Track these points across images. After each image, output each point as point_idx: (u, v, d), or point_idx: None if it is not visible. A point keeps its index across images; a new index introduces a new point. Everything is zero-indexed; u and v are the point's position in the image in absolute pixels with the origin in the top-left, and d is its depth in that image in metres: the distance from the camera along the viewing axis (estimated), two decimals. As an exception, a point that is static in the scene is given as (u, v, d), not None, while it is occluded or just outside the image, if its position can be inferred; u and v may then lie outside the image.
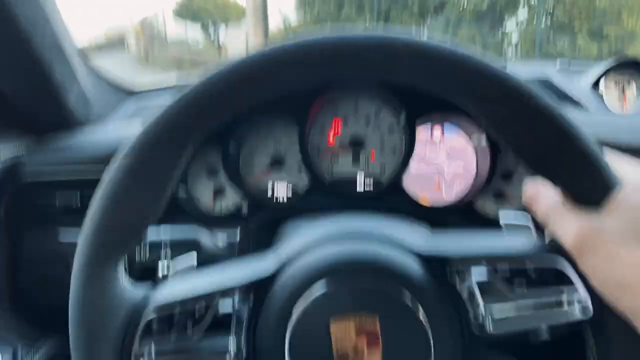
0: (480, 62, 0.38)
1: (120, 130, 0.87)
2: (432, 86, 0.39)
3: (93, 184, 0.76)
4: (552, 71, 1.05)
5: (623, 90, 0.99)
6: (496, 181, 0.80)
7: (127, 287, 0.46)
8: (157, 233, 0.62)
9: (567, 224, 0.40)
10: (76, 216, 0.80)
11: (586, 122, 0.76)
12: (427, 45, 0.38)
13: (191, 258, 0.53)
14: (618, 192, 0.38)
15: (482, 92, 0.39)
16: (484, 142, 0.80)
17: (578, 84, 0.98)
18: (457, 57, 0.38)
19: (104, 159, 0.78)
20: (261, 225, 0.84)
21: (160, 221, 0.46)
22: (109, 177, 0.44)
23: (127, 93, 1.10)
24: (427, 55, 0.38)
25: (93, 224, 0.43)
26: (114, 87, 1.06)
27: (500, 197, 0.81)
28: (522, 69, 1.07)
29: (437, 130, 0.82)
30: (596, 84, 0.95)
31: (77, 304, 0.43)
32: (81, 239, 0.44)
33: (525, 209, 0.44)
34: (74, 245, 0.81)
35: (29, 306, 0.83)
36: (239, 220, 0.83)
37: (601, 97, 0.96)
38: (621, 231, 0.37)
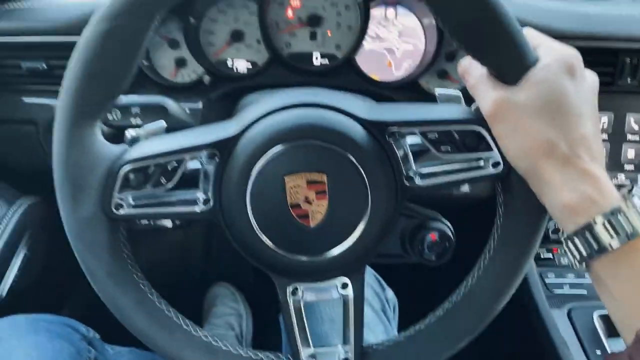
0: None
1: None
2: None
3: (56, 47, 0.79)
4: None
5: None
6: (440, 61, 0.86)
7: (104, 145, 0.51)
8: (127, 99, 0.67)
9: (487, 94, 0.47)
10: (42, 79, 0.83)
11: (517, 4, 0.82)
12: None
13: (160, 123, 0.59)
14: (533, 70, 0.45)
15: None
16: (432, 22, 0.84)
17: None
18: None
19: (65, 25, 0.80)
20: (222, 96, 0.89)
21: (128, 90, 0.52)
22: (84, 42, 0.48)
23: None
24: None
25: (72, 88, 0.48)
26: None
27: (443, 76, 0.87)
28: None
29: (390, 11, 0.86)
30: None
31: (61, 162, 0.49)
32: (60, 102, 0.49)
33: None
34: (40, 107, 0.85)
35: (6, 167, 0.88)
36: (201, 91, 0.88)
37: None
38: (528, 103, 0.44)
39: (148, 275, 0.55)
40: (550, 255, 0.89)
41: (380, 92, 0.87)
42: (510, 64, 0.46)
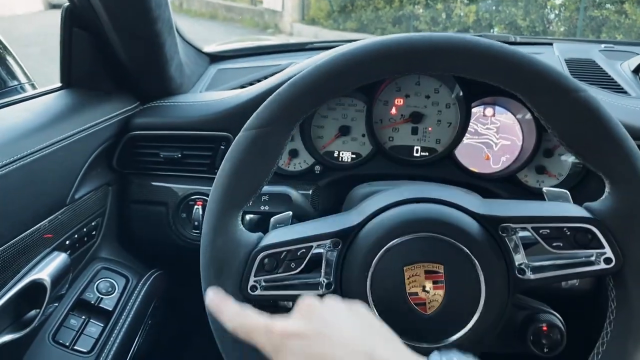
0: (530, 60, 0.51)
1: (209, 98, 1.00)
2: (490, 79, 0.52)
3: (189, 139, 0.91)
4: (596, 52, 1.12)
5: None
6: (539, 157, 0.90)
7: (245, 233, 0.59)
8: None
9: None
10: (175, 167, 0.95)
11: (626, 107, 0.85)
12: (493, 48, 0.51)
13: (288, 214, 0.66)
14: None
15: (531, 85, 0.51)
16: (529, 117, 0.90)
17: (621, 67, 1.04)
18: (512, 56, 0.51)
19: (198, 122, 0.92)
20: (329, 183, 0.97)
21: None
22: (236, 145, 0.57)
23: (208, 58, 1.23)
24: (490, 55, 0.51)
25: (223, 184, 0.57)
26: (198, 53, 1.19)
27: (541, 171, 0.91)
28: (567, 48, 1.14)
29: (489, 109, 0.93)
30: (639, 69, 1.02)
31: (209, 246, 0.57)
32: (212, 195, 0.58)
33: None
34: (169, 190, 0.96)
35: (137, 243, 1.00)
36: (310, 179, 0.97)
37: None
38: None
39: None
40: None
41: (479, 184, 0.92)
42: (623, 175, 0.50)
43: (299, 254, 0.58)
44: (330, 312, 0.45)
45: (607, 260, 0.53)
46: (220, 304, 0.50)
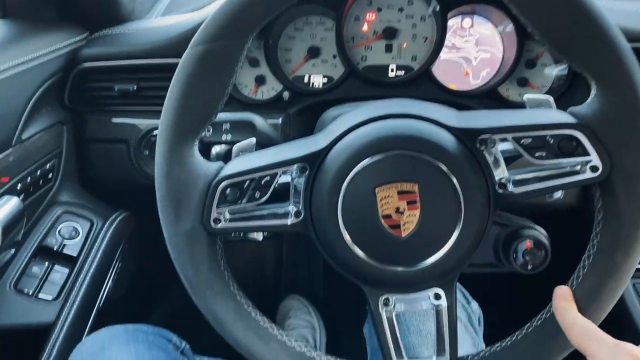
0: None
1: (165, 22, 0.92)
2: None
3: (145, 70, 0.84)
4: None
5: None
6: (520, 68, 0.85)
7: (203, 162, 0.54)
8: (218, 116, 0.70)
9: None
10: (132, 100, 0.88)
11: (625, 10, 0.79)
12: None
13: (252, 140, 0.61)
14: None
15: None
16: (510, 29, 0.83)
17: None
18: None
19: (154, 49, 0.85)
20: (300, 110, 0.91)
21: None
22: (182, 65, 0.51)
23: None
24: None
25: (173, 108, 0.51)
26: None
27: (524, 83, 0.86)
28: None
29: (466, 20, 0.86)
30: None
31: (164, 178, 0.52)
32: (162, 122, 0.52)
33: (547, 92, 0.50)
34: (129, 126, 0.90)
35: (99, 183, 0.94)
36: (280, 107, 0.91)
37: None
38: None
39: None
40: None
41: (459, 101, 0.86)
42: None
43: (263, 182, 0.53)
44: None
45: (594, 169, 0.48)
46: (567, 316, 0.49)
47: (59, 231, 0.83)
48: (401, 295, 0.55)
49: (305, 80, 0.92)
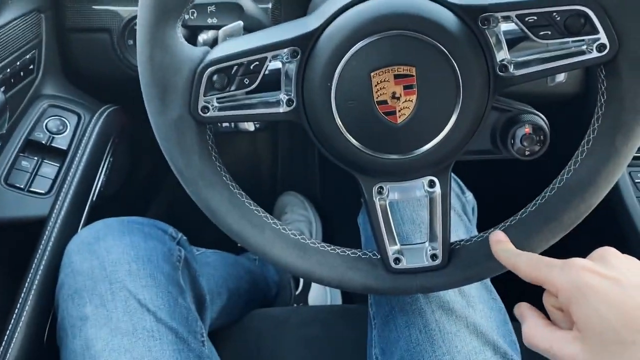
0: None
1: None
2: None
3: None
4: None
5: None
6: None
7: (187, 47, 0.50)
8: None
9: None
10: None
11: None
12: None
13: (238, 24, 0.57)
14: None
15: None
16: None
17: None
18: None
19: None
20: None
21: None
22: None
23: None
24: None
25: None
26: None
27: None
28: None
29: None
30: None
31: (146, 63, 0.49)
32: (141, 3, 0.48)
33: None
34: (111, 13, 0.85)
35: (84, 76, 0.91)
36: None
37: None
38: None
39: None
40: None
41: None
42: None
43: (252, 67, 0.50)
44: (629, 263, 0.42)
45: (601, 47, 0.46)
46: (510, 256, 0.48)
47: (46, 125, 0.81)
48: (395, 184, 0.54)
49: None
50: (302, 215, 1.40)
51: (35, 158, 0.78)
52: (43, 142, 0.79)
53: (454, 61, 0.47)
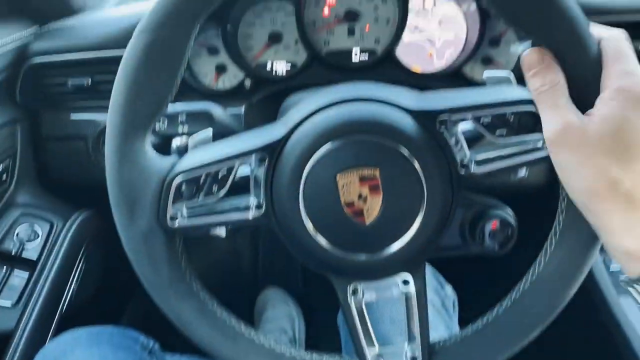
0: None
1: (119, 12, 0.88)
2: None
3: (99, 63, 0.80)
4: None
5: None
6: (484, 47, 0.83)
7: (155, 158, 0.51)
8: (172, 107, 0.67)
9: (557, 113, 0.42)
10: (87, 95, 0.85)
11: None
12: None
13: (207, 132, 0.58)
14: (610, 99, 0.41)
15: None
16: (473, 8, 0.82)
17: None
18: None
19: (107, 40, 0.81)
20: (263, 99, 0.89)
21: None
22: (127, 56, 0.48)
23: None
24: None
25: (119, 103, 0.48)
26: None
27: (488, 62, 0.85)
28: None
29: (428, 0, 0.84)
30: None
31: (115, 178, 0.49)
32: (109, 118, 0.49)
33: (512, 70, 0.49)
34: (87, 122, 0.87)
35: (58, 183, 0.91)
36: (242, 96, 0.88)
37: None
38: (599, 138, 0.40)
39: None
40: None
41: (424, 83, 0.85)
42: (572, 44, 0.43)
43: (220, 175, 0.51)
44: None
45: None
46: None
47: (17, 234, 0.80)
48: (369, 283, 0.53)
49: (268, 67, 0.89)
50: (284, 311, 1.37)
51: (4, 268, 0.76)
52: (13, 252, 0.78)
53: (415, 162, 0.48)
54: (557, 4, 0.42)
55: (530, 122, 0.47)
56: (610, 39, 0.43)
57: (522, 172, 0.57)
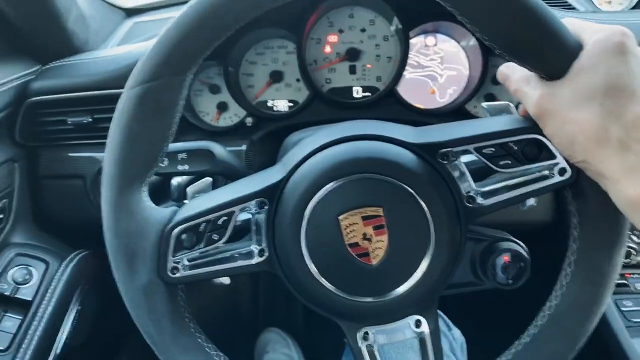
0: None
1: (120, 51, 0.88)
2: None
3: (99, 102, 0.80)
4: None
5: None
6: (487, 84, 0.83)
7: (153, 209, 0.49)
8: (173, 145, 0.66)
9: (531, 93, 0.44)
10: (87, 133, 0.84)
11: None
12: None
13: (206, 181, 0.57)
14: (577, 60, 0.41)
15: None
16: (473, 42, 0.82)
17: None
18: None
19: (108, 79, 0.81)
20: (265, 136, 0.88)
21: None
22: (121, 108, 0.46)
23: (124, 12, 1.10)
24: None
25: (114, 156, 0.46)
26: (110, 7, 1.06)
27: (490, 99, 0.84)
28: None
29: (430, 39, 0.85)
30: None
31: (112, 232, 0.47)
32: (105, 171, 0.47)
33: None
34: (86, 160, 0.86)
35: (56, 222, 0.89)
36: (244, 133, 0.87)
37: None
38: (573, 94, 0.41)
39: (198, 324, 0.52)
40: (624, 281, 0.83)
41: (426, 120, 0.84)
42: (552, 59, 0.42)
43: (220, 222, 0.49)
44: None
45: (561, 171, 0.46)
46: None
47: (12, 275, 0.78)
48: (380, 327, 0.51)
49: (269, 105, 0.89)
50: (284, 354, 1.33)
51: (-3, 311, 0.74)
52: (7, 293, 0.75)
53: (419, 198, 0.46)
54: (534, 22, 0.41)
55: (535, 150, 0.46)
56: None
57: (531, 201, 0.55)
